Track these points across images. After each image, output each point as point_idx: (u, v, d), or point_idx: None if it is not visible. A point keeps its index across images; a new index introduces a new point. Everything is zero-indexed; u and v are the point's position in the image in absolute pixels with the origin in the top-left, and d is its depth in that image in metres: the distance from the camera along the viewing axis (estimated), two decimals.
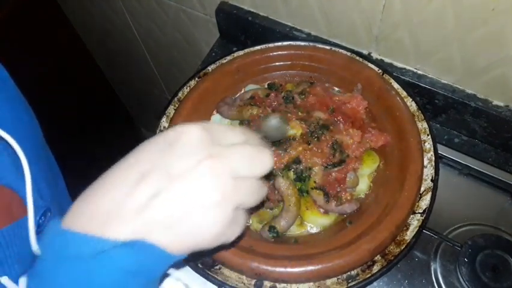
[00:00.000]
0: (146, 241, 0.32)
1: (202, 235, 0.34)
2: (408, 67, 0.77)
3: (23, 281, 0.42)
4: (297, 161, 0.64)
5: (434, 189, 0.62)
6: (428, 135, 0.66)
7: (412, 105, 0.69)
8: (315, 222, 0.64)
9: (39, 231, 0.51)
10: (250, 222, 0.65)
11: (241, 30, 0.91)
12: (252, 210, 0.43)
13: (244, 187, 0.35)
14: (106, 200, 0.33)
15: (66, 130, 1.65)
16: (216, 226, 0.34)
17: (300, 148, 0.65)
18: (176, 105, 0.73)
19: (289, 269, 0.56)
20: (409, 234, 0.59)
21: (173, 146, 0.34)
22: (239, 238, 0.39)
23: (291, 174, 0.64)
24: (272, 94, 0.73)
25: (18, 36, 1.33)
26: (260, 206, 0.65)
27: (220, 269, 0.58)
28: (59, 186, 0.67)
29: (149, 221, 0.32)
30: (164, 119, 0.72)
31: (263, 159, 0.37)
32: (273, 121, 0.65)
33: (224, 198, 0.34)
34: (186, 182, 0.33)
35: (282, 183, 0.62)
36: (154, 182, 0.33)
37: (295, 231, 0.64)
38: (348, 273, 0.57)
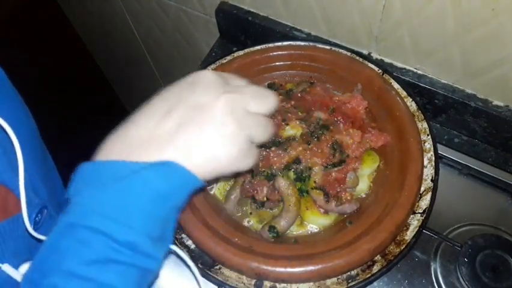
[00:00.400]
0: (174, 163, 0.36)
1: (221, 160, 0.38)
2: (408, 67, 0.77)
3: (24, 268, 0.43)
4: (297, 161, 0.64)
5: (434, 189, 0.62)
6: (428, 135, 0.66)
7: (412, 105, 0.69)
8: (315, 222, 0.64)
9: (36, 228, 0.51)
10: (251, 222, 0.65)
11: (241, 30, 0.91)
12: (263, 147, 0.53)
13: (255, 120, 0.40)
14: (137, 131, 0.38)
15: (66, 130, 1.65)
16: (232, 151, 0.38)
17: (300, 148, 0.65)
18: None
19: (289, 269, 0.56)
20: (409, 234, 0.59)
21: (194, 85, 0.40)
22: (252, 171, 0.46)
23: (291, 174, 0.64)
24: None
25: (18, 36, 1.33)
26: (262, 204, 0.65)
27: (220, 269, 0.58)
28: (57, 186, 0.67)
29: (176, 146, 0.36)
30: None
31: (269, 98, 0.42)
32: None
33: (238, 127, 0.38)
34: (206, 113, 0.38)
35: (282, 183, 0.63)
36: (179, 114, 0.37)
37: (295, 231, 0.64)
38: (348, 273, 0.57)
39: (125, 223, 0.34)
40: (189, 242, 0.60)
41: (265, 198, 0.65)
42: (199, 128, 0.37)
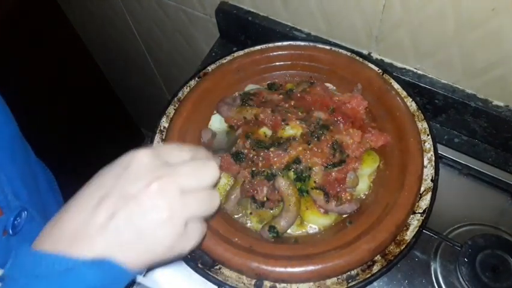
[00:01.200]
0: (107, 259, 0.36)
1: (156, 250, 0.38)
2: (408, 67, 0.77)
3: None
4: (297, 161, 0.64)
5: (434, 189, 0.62)
6: (428, 135, 0.66)
7: (412, 105, 0.69)
8: (315, 222, 0.64)
9: (15, 232, 0.51)
10: (251, 223, 0.65)
11: (241, 30, 0.92)
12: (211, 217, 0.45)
13: (193, 200, 0.39)
14: (71, 223, 0.37)
15: (66, 130, 1.65)
16: (167, 240, 0.37)
17: (300, 148, 0.65)
18: (176, 105, 0.73)
19: (289, 269, 0.56)
20: (409, 234, 0.59)
21: (126, 171, 0.38)
22: (200, 243, 0.42)
23: (291, 174, 0.64)
24: (275, 94, 0.73)
25: (18, 36, 1.33)
26: (262, 204, 0.65)
27: (220, 269, 0.58)
28: (40, 185, 0.67)
29: (108, 240, 0.36)
30: (164, 119, 0.72)
31: (208, 170, 0.41)
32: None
33: (172, 214, 0.37)
34: (138, 203, 0.37)
35: (282, 183, 0.63)
36: (110, 205, 0.37)
37: (295, 231, 0.64)
38: (348, 273, 0.57)
39: None
40: None
41: (265, 198, 0.65)
42: (130, 219, 0.36)
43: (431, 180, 0.62)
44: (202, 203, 0.40)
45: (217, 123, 0.75)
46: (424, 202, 0.61)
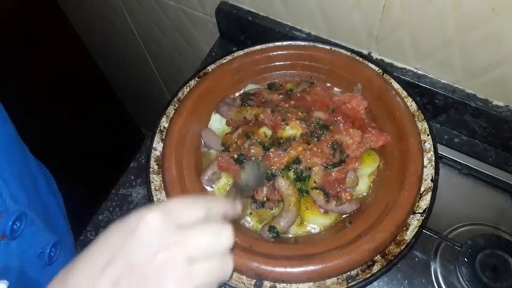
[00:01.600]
0: None
1: None
2: (408, 67, 0.77)
3: None
4: (297, 161, 0.64)
5: (434, 189, 0.62)
6: (428, 135, 0.66)
7: (412, 105, 0.69)
8: (315, 222, 0.64)
9: (14, 237, 0.50)
10: (251, 222, 0.65)
11: (241, 30, 0.92)
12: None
13: (203, 270, 0.37)
14: (76, 282, 0.36)
15: (66, 130, 1.65)
16: None
17: (300, 148, 0.65)
18: (176, 105, 0.73)
19: (289, 269, 0.56)
20: (409, 234, 0.59)
21: (134, 234, 0.36)
22: None
23: (291, 174, 0.64)
24: (275, 94, 0.73)
25: (18, 36, 1.33)
26: (262, 204, 0.65)
27: None
28: (39, 188, 0.66)
29: None
30: (164, 119, 0.72)
31: (222, 238, 0.38)
32: (251, 168, 0.63)
33: (178, 286, 0.35)
34: (142, 273, 0.35)
35: (282, 183, 0.63)
36: (115, 271, 0.35)
37: (295, 231, 0.64)
38: (348, 273, 0.57)
39: None
40: None
41: (265, 198, 0.65)
42: None
43: (431, 180, 0.62)
44: (213, 272, 0.38)
45: (217, 123, 0.75)
46: (424, 202, 0.61)
